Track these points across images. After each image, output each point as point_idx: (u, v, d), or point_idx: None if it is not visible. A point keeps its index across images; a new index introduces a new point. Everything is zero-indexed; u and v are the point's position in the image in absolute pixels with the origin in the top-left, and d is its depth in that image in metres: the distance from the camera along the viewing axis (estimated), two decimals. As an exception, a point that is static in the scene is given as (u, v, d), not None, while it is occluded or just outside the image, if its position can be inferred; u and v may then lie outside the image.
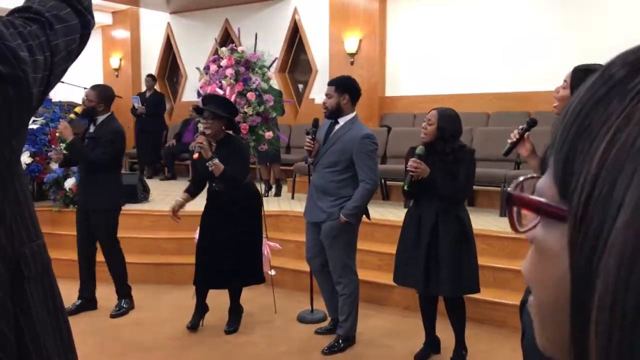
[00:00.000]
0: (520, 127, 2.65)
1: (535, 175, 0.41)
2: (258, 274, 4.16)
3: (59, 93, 7.45)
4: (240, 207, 4.00)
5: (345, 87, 3.70)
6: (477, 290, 3.41)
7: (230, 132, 4.06)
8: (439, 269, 3.29)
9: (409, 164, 3.31)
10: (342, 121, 3.71)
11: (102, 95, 4.45)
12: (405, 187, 3.40)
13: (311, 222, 3.88)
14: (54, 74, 1.19)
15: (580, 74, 2.45)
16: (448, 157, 3.28)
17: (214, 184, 4.00)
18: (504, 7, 7.28)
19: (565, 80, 2.49)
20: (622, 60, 0.37)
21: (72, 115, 4.41)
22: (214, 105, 3.88)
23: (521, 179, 0.42)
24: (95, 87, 4.56)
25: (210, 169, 3.80)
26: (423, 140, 3.34)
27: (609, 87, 0.36)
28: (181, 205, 4.08)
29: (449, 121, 3.31)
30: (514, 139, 2.62)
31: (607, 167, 0.33)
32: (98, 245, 4.61)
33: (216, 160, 3.77)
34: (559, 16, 6.91)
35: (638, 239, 0.31)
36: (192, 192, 4.17)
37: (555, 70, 6.24)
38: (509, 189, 0.41)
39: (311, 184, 3.90)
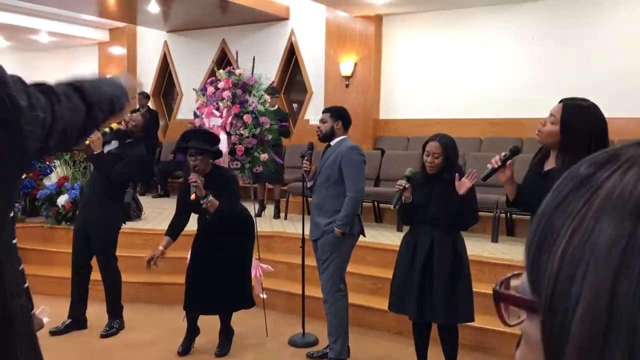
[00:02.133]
0: (503, 153, 2.64)
1: (518, 272, 0.44)
2: (248, 299, 4.14)
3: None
4: (232, 234, 4.00)
5: (339, 115, 3.94)
6: (471, 319, 3.40)
7: (214, 162, 4.05)
8: (433, 295, 3.28)
9: (397, 182, 3.35)
10: (333, 142, 3.92)
11: (146, 124, 4.56)
12: (392, 207, 3.45)
13: (312, 241, 3.94)
14: (53, 138, 1.21)
15: (574, 110, 2.43)
16: (450, 184, 3.25)
17: (206, 216, 3.95)
18: (498, 35, 7.40)
19: (553, 115, 2.43)
20: (589, 160, 0.41)
21: (107, 129, 4.32)
22: (199, 141, 3.85)
23: (507, 275, 0.45)
24: (143, 115, 4.65)
25: (204, 206, 3.78)
26: (430, 172, 3.35)
27: (570, 188, 0.40)
28: (162, 254, 3.92)
29: (452, 148, 3.36)
30: (495, 165, 2.63)
31: (566, 263, 0.37)
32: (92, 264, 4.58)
33: (211, 198, 3.76)
34: (551, 46, 7.03)
35: (594, 328, 0.34)
36: (174, 234, 4.03)
37: (547, 98, 6.34)
38: (494, 286, 0.44)
39: (312, 204, 3.99)
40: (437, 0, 7.37)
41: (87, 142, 4.19)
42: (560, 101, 2.49)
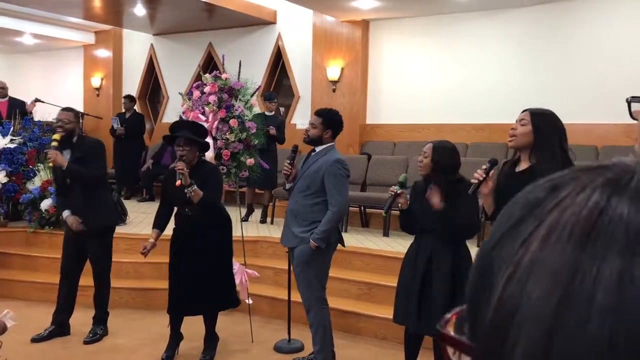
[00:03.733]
0: (484, 167, 2.76)
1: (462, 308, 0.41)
2: (232, 298, 4.13)
3: (39, 112, 7.39)
4: (211, 232, 3.98)
5: (331, 123, 3.79)
6: None
7: (203, 156, 4.07)
8: (432, 308, 3.21)
9: (390, 188, 3.33)
10: (318, 149, 3.81)
11: (77, 117, 4.45)
12: (383, 213, 3.44)
13: (289, 248, 3.90)
14: None
15: (541, 114, 2.73)
16: (445, 191, 3.20)
17: (186, 209, 3.95)
18: (484, 40, 7.45)
19: (523, 118, 2.74)
20: (522, 201, 0.36)
21: (54, 144, 4.31)
22: (188, 131, 3.89)
23: (452, 313, 0.41)
24: (68, 110, 4.47)
25: (188, 195, 3.79)
26: (420, 173, 3.34)
27: (513, 221, 0.36)
28: (153, 246, 4.03)
29: (442, 153, 3.26)
30: (480, 178, 2.73)
31: (500, 316, 0.33)
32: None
33: (195, 187, 3.78)
34: (536, 52, 7.10)
35: None
36: (161, 226, 4.11)
37: (532, 104, 6.39)
38: (437, 326, 0.41)
39: (287, 210, 3.92)
40: (424, 6, 7.40)
41: (50, 163, 4.23)
42: (523, 110, 2.81)
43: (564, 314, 0.31)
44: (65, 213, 4.42)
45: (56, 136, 4.31)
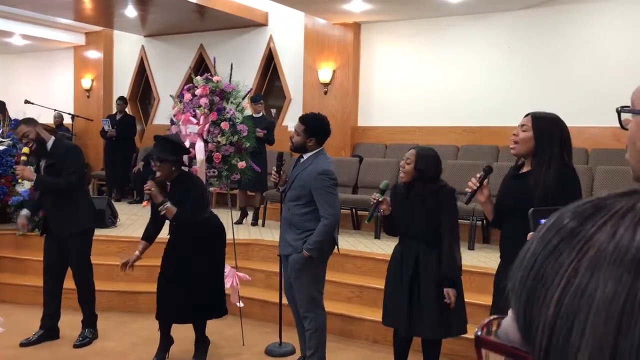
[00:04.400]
0: (478, 175, 2.75)
1: (499, 316, 0.44)
2: (219, 307, 4.10)
3: (29, 114, 7.32)
4: (202, 242, 3.95)
5: (314, 131, 3.65)
6: (463, 332, 3.34)
7: (185, 168, 4.04)
8: (421, 310, 3.23)
9: (372, 196, 3.33)
10: (306, 156, 3.71)
11: (32, 122, 4.33)
12: (366, 221, 3.44)
13: (283, 255, 3.87)
14: None
15: (543, 120, 2.66)
16: (426, 200, 3.22)
17: (172, 221, 3.91)
18: (475, 43, 7.48)
19: (524, 124, 2.67)
20: (572, 211, 0.40)
21: (23, 158, 4.25)
22: (159, 149, 3.84)
23: (487, 320, 0.44)
24: (26, 122, 4.32)
25: (162, 213, 3.75)
26: (402, 180, 3.34)
27: (559, 239, 0.39)
28: (137, 258, 3.95)
29: (426, 162, 3.25)
30: (474, 187, 2.72)
31: (562, 314, 0.36)
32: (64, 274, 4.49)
33: (167, 205, 3.73)
34: (526, 55, 7.14)
35: None
36: (150, 237, 4.04)
37: (522, 107, 6.43)
38: (477, 331, 0.43)
39: (282, 218, 3.91)
40: (415, 9, 7.42)
41: (19, 180, 4.18)
42: (526, 115, 2.72)
43: (629, 313, 0.34)
44: (23, 212, 4.45)
45: (25, 150, 4.23)
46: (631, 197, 0.39)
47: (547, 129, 2.63)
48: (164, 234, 4.12)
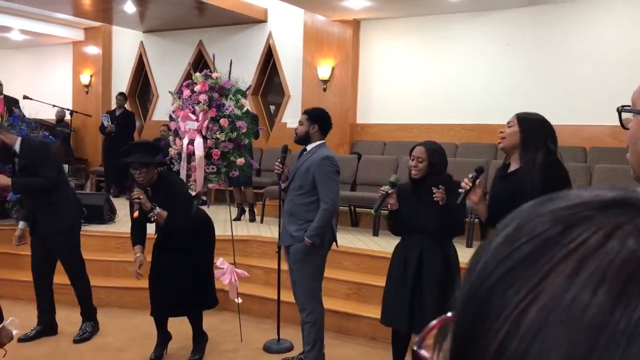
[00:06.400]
0: (470, 175, 2.79)
1: (441, 321, 0.37)
2: (212, 298, 4.11)
3: (27, 109, 7.32)
4: (189, 237, 3.94)
5: (317, 118, 3.83)
6: None
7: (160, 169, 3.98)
8: (424, 308, 3.23)
9: (381, 187, 3.34)
10: (309, 147, 3.82)
11: (1, 126, 4.29)
12: (372, 212, 3.45)
13: (284, 247, 3.90)
14: None
15: (528, 117, 2.77)
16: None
17: (149, 217, 3.82)
18: (474, 41, 7.48)
19: (510, 121, 2.80)
20: (550, 217, 0.31)
21: None
22: (140, 154, 3.81)
23: (430, 326, 0.37)
24: None
25: (152, 220, 3.71)
26: (414, 177, 3.34)
27: (512, 264, 0.31)
28: (143, 261, 3.93)
29: (439, 155, 3.33)
30: (467, 187, 2.75)
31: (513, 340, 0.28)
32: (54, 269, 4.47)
33: (157, 210, 3.70)
34: (525, 53, 7.14)
35: None
36: (141, 239, 4.03)
37: (521, 105, 6.43)
38: (414, 345, 0.37)
39: (283, 210, 3.94)
40: (414, 6, 7.42)
41: None
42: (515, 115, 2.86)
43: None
44: (20, 225, 4.46)
45: None
46: (617, 216, 0.30)
47: (532, 127, 2.73)
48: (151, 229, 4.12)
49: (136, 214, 3.69)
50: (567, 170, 2.72)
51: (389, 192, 3.30)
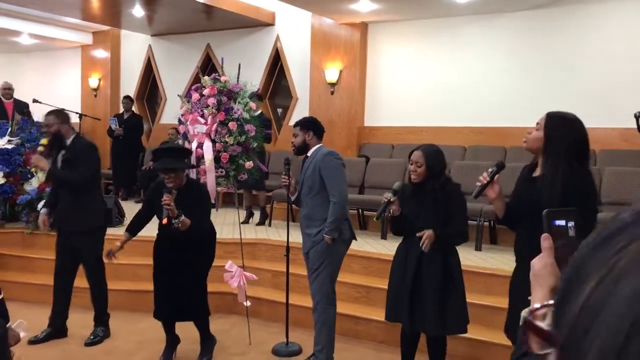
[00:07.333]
0: (490, 169, 2.71)
1: (550, 303, 0.44)
2: (200, 311, 4.06)
3: (37, 113, 7.36)
4: (200, 243, 3.94)
5: (309, 125, 3.94)
6: (463, 331, 3.37)
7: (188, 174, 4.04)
8: (424, 307, 3.26)
9: (384, 195, 3.35)
10: (310, 153, 3.92)
11: (61, 116, 4.41)
12: (375, 219, 3.47)
13: (304, 254, 3.93)
14: None
15: (556, 120, 2.60)
16: (438, 194, 3.27)
17: (172, 223, 3.78)
18: (482, 44, 7.46)
19: (538, 123, 2.63)
20: (636, 210, 0.39)
21: (40, 149, 4.37)
22: (170, 160, 3.83)
23: (537, 305, 0.45)
24: (51, 112, 4.47)
25: (176, 226, 3.69)
26: (414, 182, 3.35)
27: (606, 234, 0.38)
28: (118, 249, 4.03)
29: (435, 158, 3.33)
30: (484, 182, 2.68)
31: (584, 314, 0.35)
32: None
33: (182, 217, 3.71)
34: (534, 56, 7.11)
35: None
36: (135, 231, 4.09)
37: (530, 108, 6.41)
38: (525, 314, 0.44)
39: (300, 217, 3.99)
40: (422, 9, 7.41)
41: (32, 168, 4.28)
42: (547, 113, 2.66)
43: None
44: (42, 210, 4.55)
45: (44, 141, 4.40)
46: None
47: (558, 130, 2.55)
48: (152, 231, 4.12)
49: (165, 220, 3.68)
50: (593, 182, 2.59)
51: (392, 200, 3.31)
